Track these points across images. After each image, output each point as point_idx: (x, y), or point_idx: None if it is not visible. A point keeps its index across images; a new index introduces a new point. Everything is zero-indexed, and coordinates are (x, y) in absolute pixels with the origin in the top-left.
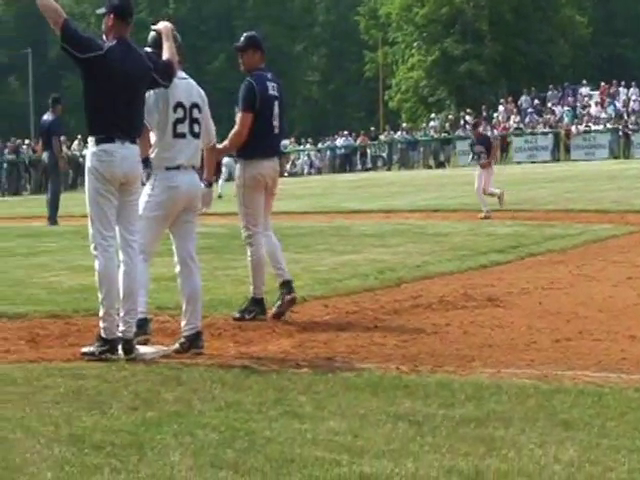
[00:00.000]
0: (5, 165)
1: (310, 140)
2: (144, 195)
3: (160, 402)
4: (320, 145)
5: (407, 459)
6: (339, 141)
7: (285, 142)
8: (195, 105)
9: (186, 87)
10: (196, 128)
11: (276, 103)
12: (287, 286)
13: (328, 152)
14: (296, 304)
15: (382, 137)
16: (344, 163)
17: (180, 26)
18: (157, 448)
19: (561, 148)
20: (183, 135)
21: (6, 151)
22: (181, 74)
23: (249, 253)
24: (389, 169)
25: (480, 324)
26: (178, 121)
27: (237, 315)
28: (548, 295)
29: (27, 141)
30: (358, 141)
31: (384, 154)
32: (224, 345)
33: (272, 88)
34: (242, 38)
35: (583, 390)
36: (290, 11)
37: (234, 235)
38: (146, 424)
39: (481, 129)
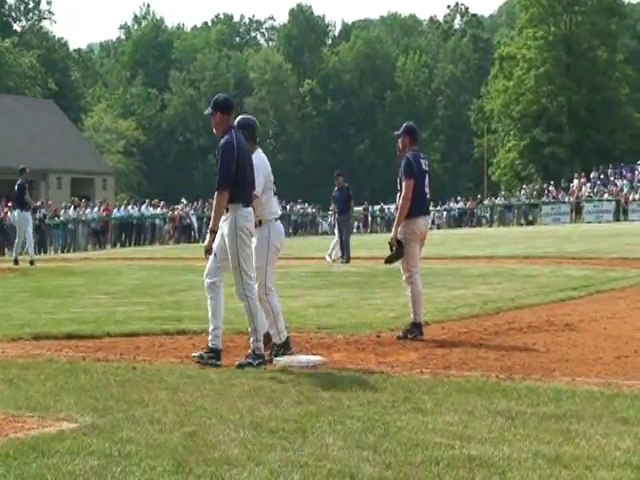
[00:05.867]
0: (205, 219)
1: (432, 203)
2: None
3: (319, 399)
4: (439, 207)
5: (503, 445)
6: (453, 204)
7: None
8: None
9: None
10: None
11: (427, 175)
12: (416, 327)
13: (445, 212)
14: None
15: (486, 202)
16: (457, 221)
17: (335, 118)
18: (316, 433)
19: (621, 211)
20: None
21: (206, 209)
22: None
23: (410, 289)
24: (491, 226)
25: (559, 344)
26: None
27: (400, 334)
28: (611, 322)
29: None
30: (468, 204)
31: (487, 214)
32: (367, 356)
33: (424, 164)
34: (401, 127)
35: (638, 395)
36: (418, 106)
37: (373, 274)
38: (308, 415)
39: None
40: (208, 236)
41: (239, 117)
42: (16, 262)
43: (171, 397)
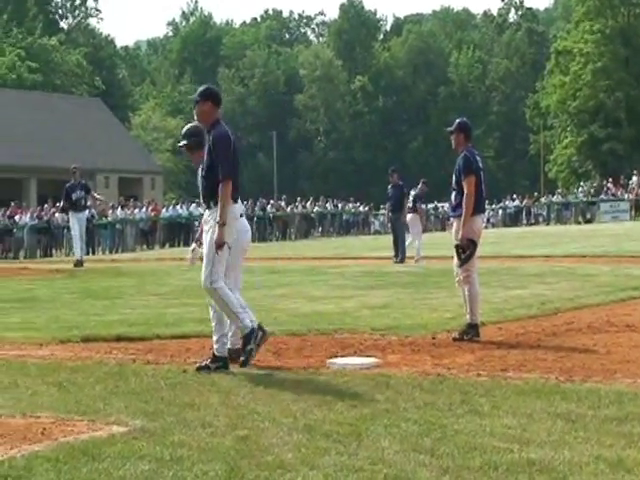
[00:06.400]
0: (255, 219)
1: (487, 202)
2: None
3: (373, 401)
4: (494, 205)
5: (564, 448)
6: (509, 202)
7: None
8: None
9: None
10: None
11: (482, 173)
12: (472, 328)
13: (500, 210)
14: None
15: (542, 199)
16: (513, 219)
17: (387, 115)
18: (371, 436)
19: None
20: None
21: (256, 208)
22: None
23: (466, 288)
24: (548, 224)
25: (620, 344)
26: None
27: (457, 336)
28: None
29: (271, 201)
30: (524, 202)
31: (544, 212)
32: (422, 358)
33: (479, 161)
34: (454, 124)
35: None
36: (471, 102)
37: (428, 274)
38: (363, 418)
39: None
40: (217, 229)
41: (188, 126)
42: (80, 264)
43: (223, 400)
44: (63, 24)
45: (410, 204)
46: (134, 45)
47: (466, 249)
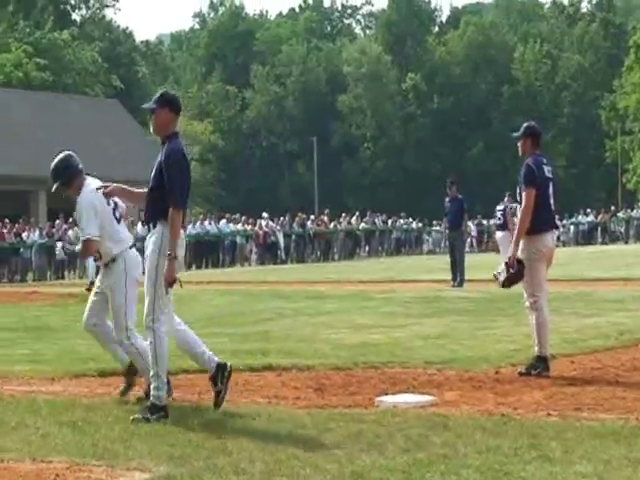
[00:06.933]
0: (293, 236)
1: (557, 217)
2: None
3: (429, 445)
4: (564, 221)
5: None
6: (582, 217)
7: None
8: None
9: None
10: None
11: (551, 184)
12: (541, 361)
13: (572, 227)
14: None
15: (620, 214)
16: (587, 237)
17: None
18: None
19: None
20: None
21: (295, 224)
22: None
23: (534, 316)
24: (626, 242)
25: None
26: None
27: (523, 371)
28: None
29: (312, 216)
30: (599, 217)
31: (622, 229)
32: (484, 396)
33: (547, 171)
34: (522, 128)
35: None
36: (539, 103)
37: (490, 300)
38: (417, 464)
39: None
40: (167, 264)
41: (55, 162)
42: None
43: (258, 443)
44: (76, 16)
45: (499, 220)
46: (156, 39)
47: (511, 269)
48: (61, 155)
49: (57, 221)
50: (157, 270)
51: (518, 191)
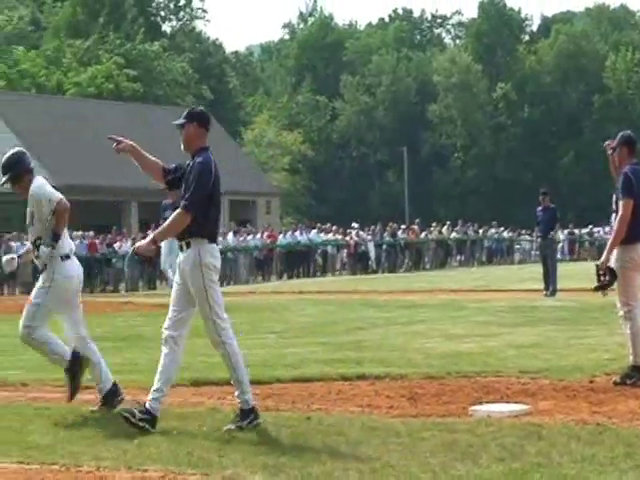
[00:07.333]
0: (384, 246)
1: None
2: None
3: (524, 454)
4: None
5: None
6: None
7: None
8: None
9: None
10: None
11: None
12: (636, 371)
13: None
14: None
15: None
16: None
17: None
18: None
19: None
20: None
21: (385, 234)
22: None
23: (629, 325)
24: None
25: None
26: None
27: (618, 380)
28: None
29: (402, 226)
30: None
31: None
32: (578, 405)
33: None
34: (617, 137)
35: None
36: (631, 112)
37: (584, 309)
38: (512, 474)
39: None
40: (146, 240)
41: (5, 157)
42: None
43: (353, 452)
44: (166, 28)
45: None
46: (245, 50)
47: (602, 276)
48: (13, 150)
49: (148, 231)
50: (206, 290)
51: (614, 200)
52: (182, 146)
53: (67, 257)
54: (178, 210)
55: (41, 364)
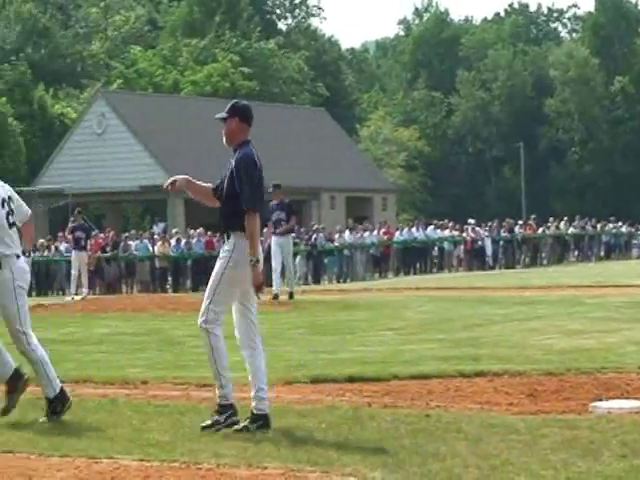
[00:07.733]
0: (501, 242)
1: None
2: None
3: None
4: None
5: None
6: None
7: None
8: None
9: None
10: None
11: None
12: None
13: None
14: None
15: None
16: None
17: None
18: None
19: None
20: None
21: (502, 230)
22: None
23: None
24: None
25: None
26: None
27: None
28: None
29: (519, 221)
30: None
31: None
32: None
33: None
34: None
35: None
36: None
37: None
38: (634, 470)
39: None
40: (253, 270)
41: None
42: (276, 297)
43: (472, 449)
44: (281, 25)
45: None
46: (361, 47)
47: None
48: None
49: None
50: (221, 278)
51: None
52: (224, 139)
53: None
54: (247, 213)
55: (160, 361)
